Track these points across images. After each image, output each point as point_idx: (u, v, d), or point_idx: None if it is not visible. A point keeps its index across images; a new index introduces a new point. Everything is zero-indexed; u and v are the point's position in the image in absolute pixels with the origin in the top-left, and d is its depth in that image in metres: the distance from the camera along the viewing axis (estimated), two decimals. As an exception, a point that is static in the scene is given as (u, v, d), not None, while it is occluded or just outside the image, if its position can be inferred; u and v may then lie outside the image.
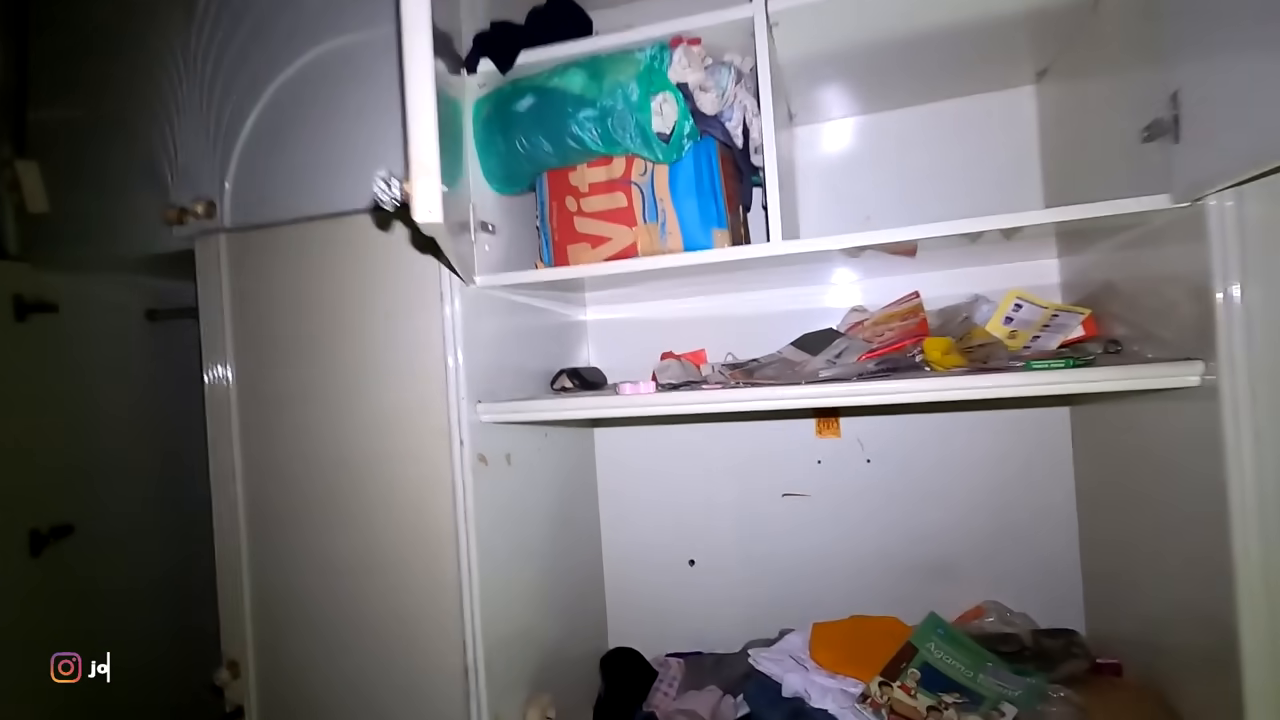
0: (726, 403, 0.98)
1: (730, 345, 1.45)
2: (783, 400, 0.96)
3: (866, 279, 1.41)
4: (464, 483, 1.05)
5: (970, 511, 1.35)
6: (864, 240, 0.94)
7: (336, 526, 1.14)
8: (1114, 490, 1.13)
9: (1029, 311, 1.18)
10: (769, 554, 1.46)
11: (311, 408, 1.15)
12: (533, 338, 1.33)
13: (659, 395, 1.00)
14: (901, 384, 0.90)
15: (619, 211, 1.08)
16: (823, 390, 0.94)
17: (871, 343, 1.21)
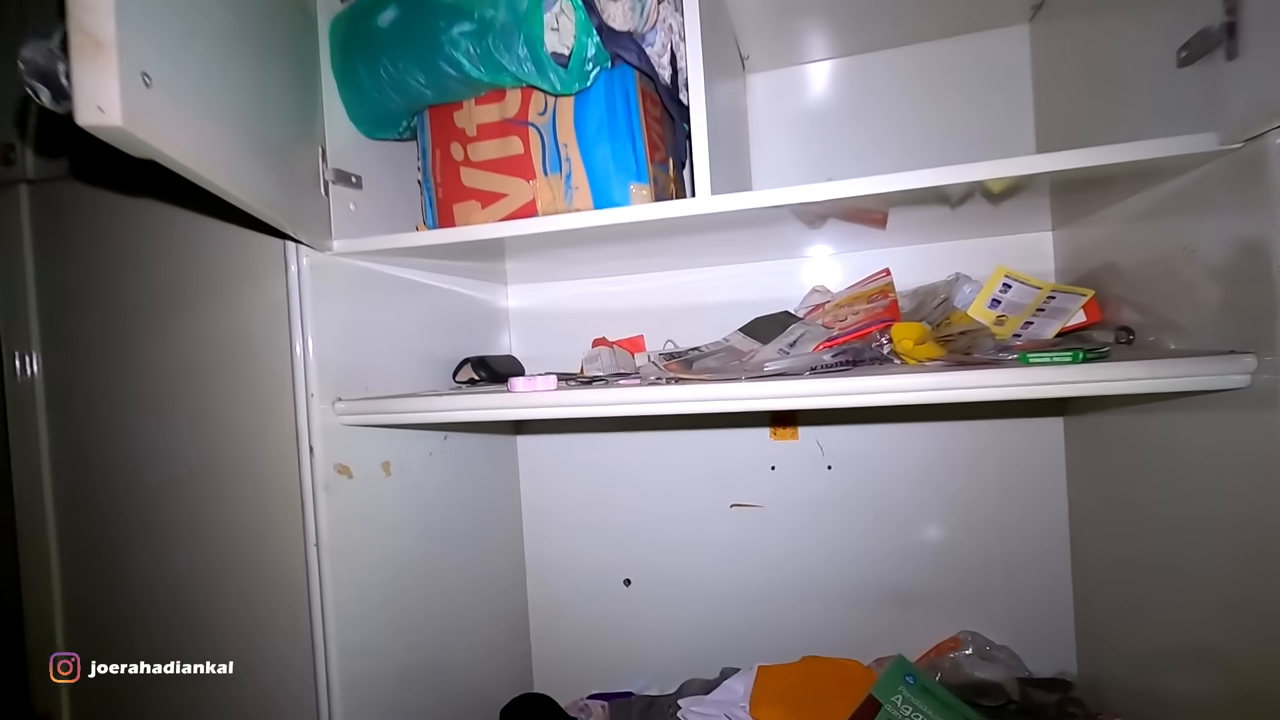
0: (643, 404, 0.76)
1: (675, 331, 1.24)
2: (716, 401, 0.74)
3: (836, 255, 1.19)
4: (314, 502, 0.83)
5: (946, 529, 1.15)
6: (809, 195, 0.72)
7: (166, 555, 0.91)
8: (1118, 512, 0.94)
9: (1020, 293, 0.98)
10: (714, 573, 1.26)
11: (131, 408, 0.91)
12: (439, 323, 1.11)
13: (555, 394, 0.78)
14: (862, 382, 0.69)
15: (514, 160, 0.85)
16: (766, 389, 0.73)
17: (832, 329, 1.00)
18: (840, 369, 0.80)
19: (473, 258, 0.99)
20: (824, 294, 1.16)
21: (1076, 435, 1.07)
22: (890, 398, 0.69)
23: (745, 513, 1.24)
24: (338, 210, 0.86)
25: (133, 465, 0.91)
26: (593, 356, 1.19)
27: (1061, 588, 1.10)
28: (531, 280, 1.32)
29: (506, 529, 1.30)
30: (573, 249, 0.96)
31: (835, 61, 1.18)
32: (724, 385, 0.74)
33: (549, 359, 1.30)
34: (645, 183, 0.83)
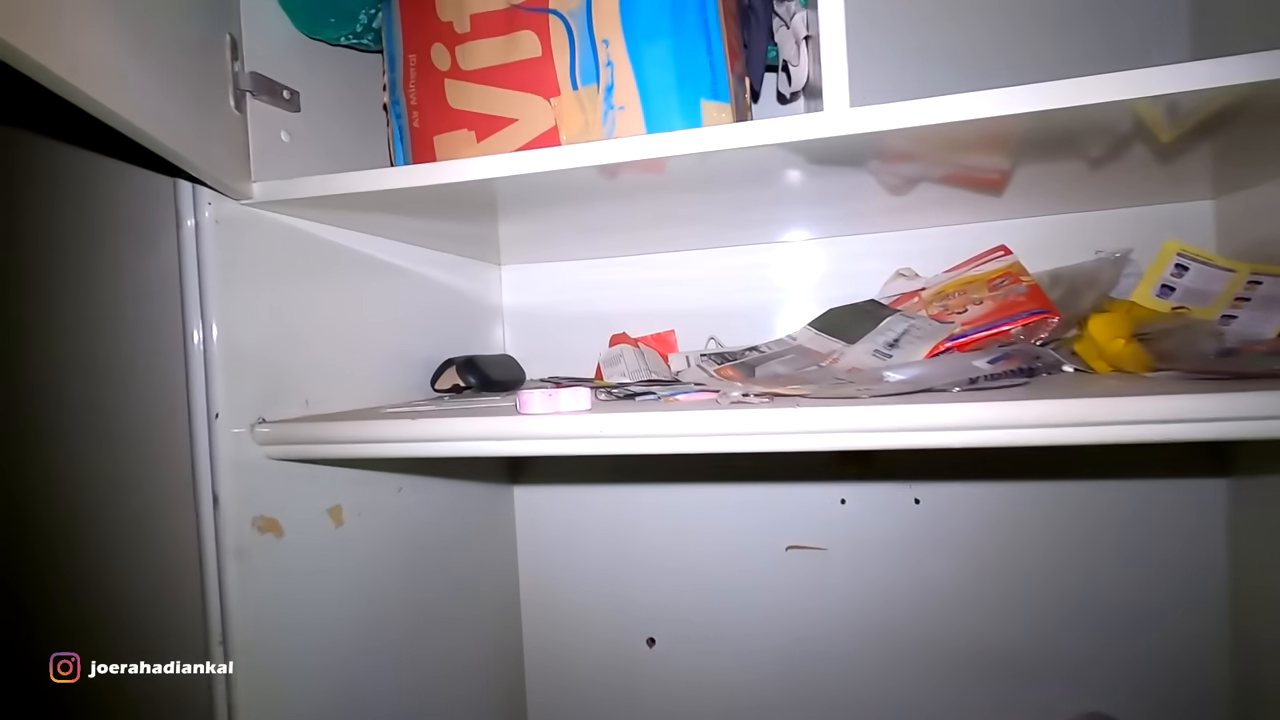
0: (725, 435, 0.49)
1: (710, 325, 0.97)
2: (832, 434, 0.48)
3: (909, 232, 0.93)
4: (218, 581, 0.55)
5: (1066, 586, 0.90)
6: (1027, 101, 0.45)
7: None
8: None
9: (1202, 276, 0.73)
10: (763, 632, 1.00)
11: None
12: (413, 311, 0.82)
13: (596, 418, 0.51)
14: (1082, 407, 0.43)
15: (527, 69, 0.58)
16: (906, 417, 0.46)
17: (950, 323, 0.74)
18: (1011, 381, 0.54)
19: (458, 217, 0.70)
20: (912, 278, 0.90)
21: (1250, 500, 0.82)
22: (1136, 432, 0.43)
23: (804, 556, 0.98)
24: (261, 138, 0.57)
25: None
26: (613, 358, 0.91)
27: (1214, 672, 0.86)
28: (532, 259, 1.04)
29: (499, 580, 1.02)
30: (600, 204, 0.68)
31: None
32: (840, 409, 0.47)
33: (553, 359, 1.03)
34: (725, 100, 0.55)
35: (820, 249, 0.96)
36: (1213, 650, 0.86)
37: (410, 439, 0.53)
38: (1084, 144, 0.60)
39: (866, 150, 0.53)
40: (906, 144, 0.52)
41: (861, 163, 0.60)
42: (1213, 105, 0.48)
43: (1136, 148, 0.62)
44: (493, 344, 1.03)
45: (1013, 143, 0.56)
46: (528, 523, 1.06)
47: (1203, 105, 0.48)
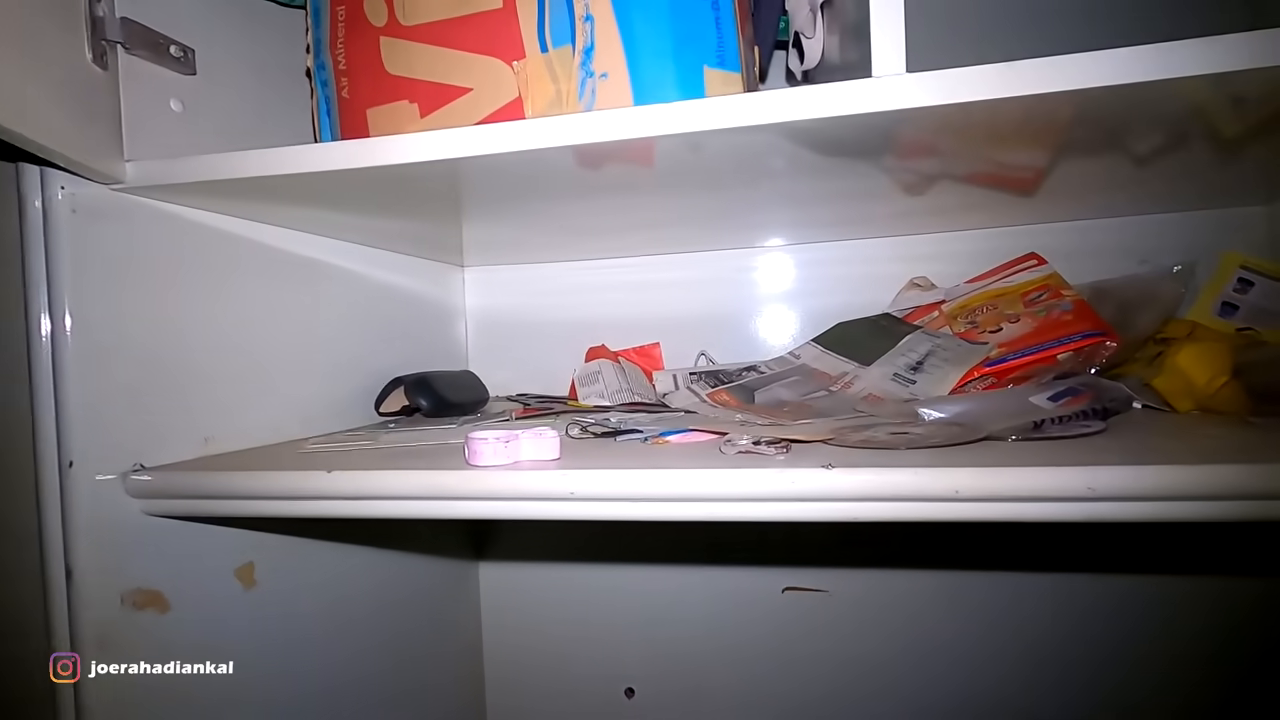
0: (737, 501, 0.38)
1: (700, 337, 0.87)
2: (882, 501, 0.36)
3: (924, 236, 0.83)
4: (73, 692, 0.42)
5: (1087, 665, 0.81)
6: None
7: None
8: None
9: (1268, 292, 0.64)
10: (755, 681, 0.89)
11: None
12: (354, 321, 0.70)
13: (565, 476, 0.39)
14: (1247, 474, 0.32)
15: (485, 24, 0.45)
16: (979, 483, 0.35)
17: (984, 344, 0.64)
18: (1083, 428, 0.43)
19: (398, 212, 0.58)
20: (929, 289, 0.80)
21: None
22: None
23: (803, 599, 0.87)
24: (139, 106, 0.45)
25: None
26: (590, 375, 0.80)
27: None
28: (500, 260, 0.92)
29: (460, 651, 0.89)
30: (576, 201, 0.57)
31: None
32: (888, 475, 0.36)
33: (524, 373, 0.91)
34: (735, 69, 0.44)
35: (824, 253, 0.85)
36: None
37: (321, 495, 0.41)
38: (1136, 136, 0.50)
39: (902, 137, 0.42)
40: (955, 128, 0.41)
41: (879, 156, 0.49)
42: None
43: (1193, 143, 0.52)
44: (454, 356, 0.91)
45: (1062, 131, 0.46)
46: (495, 599, 0.94)
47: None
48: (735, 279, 0.87)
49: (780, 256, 0.86)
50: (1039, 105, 0.37)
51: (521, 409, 0.74)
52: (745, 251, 0.87)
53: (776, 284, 0.86)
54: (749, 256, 0.87)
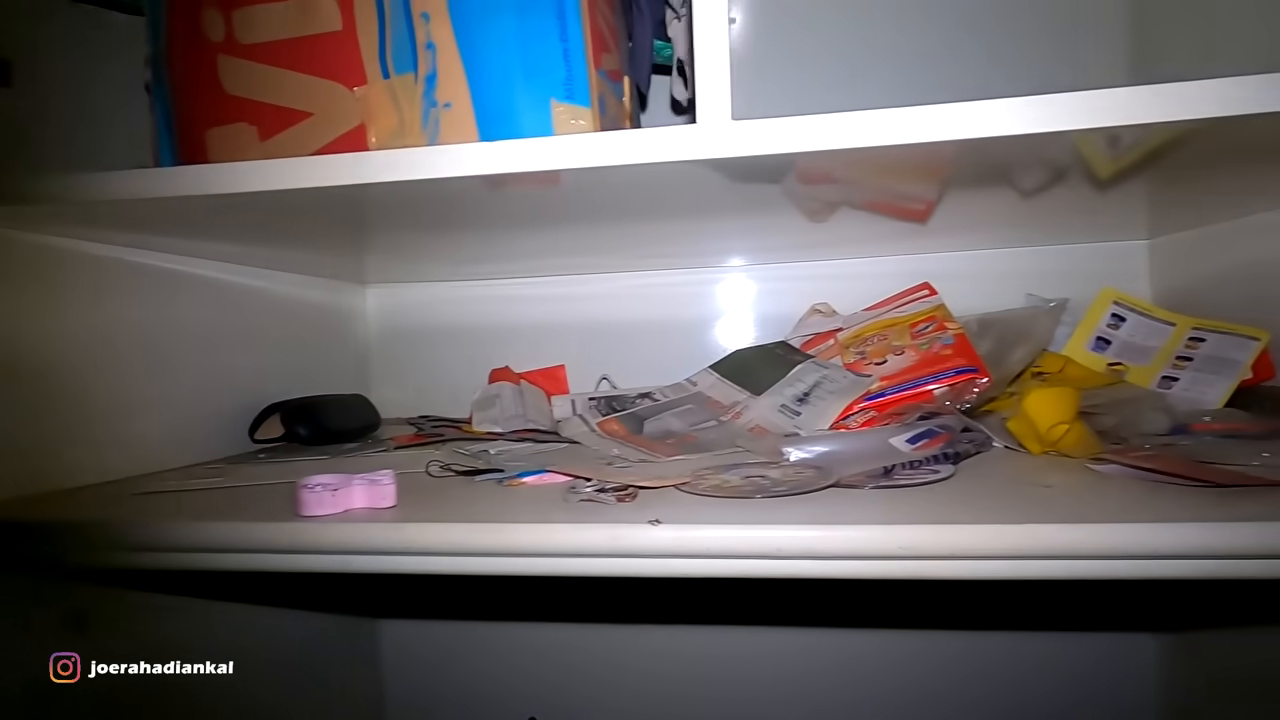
0: (569, 557, 0.36)
1: (610, 358, 0.85)
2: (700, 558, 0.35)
3: (828, 262, 0.84)
4: None
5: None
6: (934, 129, 0.35)
7: None
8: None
9: (1140, 329, 0.65)
10: (674, 705, 0.88)
11: None
12: (235, 337, 0.66)
13: (397, 530, 0.37)
14: (1026, 536, 0.32)
15: (325, 46, 0.43)
16: (789, 541, 0.34)
17: (867, 376, 0.64)
18: (931, 474, 0.43)
19: (278, 239, 0.55)
20: (830, 316, 0.80)
21: (1186, 664, 0.75)
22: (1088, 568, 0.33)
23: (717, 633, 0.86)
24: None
25: None
26: (488, 399, 0.78)
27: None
28: (404, 277, 0.89)
29: (348, 694, 0.86)
30: (451, 231, 0.55)
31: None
32: (707, 532, 0.35)
33: (429, 395, 0.88)
34: (584, 103, 0.42)
35: (733, 276, 0.85)
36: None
37: (121, 546, 0.38)
38: (1015, 174, 0.51)
39: (771, 169, 0.41)
40: (815, 164, 0.40)
41: (777, 182, 0.49)
42: (1162, 138, 0.38)
43: (1071, 181, 0.53)
44: (354, 377, 0.87)
45: (934, 167, 0.46)
46: (399, 661, 0.91)
47: (1149, 139, 0.38)
48: (644, 300, 0.86)
49: (689, 278, 0.85)
50: (879, 154, 0.37)
51: (409, 436, 0.72)
52: (654, 274, 0.86)
53: (685, 306, 0.85)
54: (658, 278, 0.86)
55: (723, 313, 0.85)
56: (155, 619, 0.54)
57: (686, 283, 0.85)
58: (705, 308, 0.85)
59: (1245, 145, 0.39)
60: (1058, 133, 0.35)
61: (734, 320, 0.84)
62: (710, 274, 0.85)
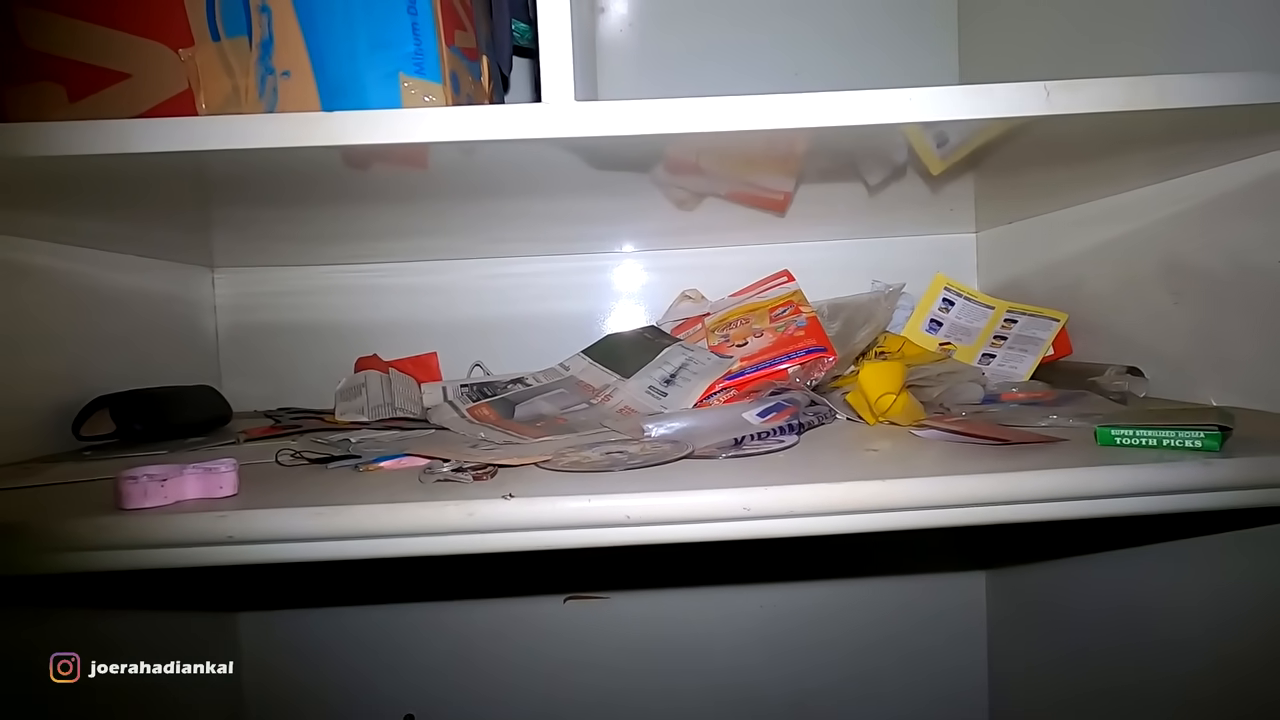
0: (421, 536, 0.36)
1: (485, 348, 0.84)
2: (554, 529, 0.36)
3: (700, 251, 0.87)
4: None
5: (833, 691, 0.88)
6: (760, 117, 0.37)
7: None
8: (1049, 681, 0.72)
9: (966, 312, 0.73)
10: (541, 699, 0.88)
11: None
12: (61, 327, 0.59)
13: (229, 518, 0.35)
14: (861, 491, 0.36)
15: (142, 1, 0.40)
16: (658, 504, 0.36)
17: (729, 357, 0.67)
18: (777, 443, 0.46)
19: (104, 214, 0.50)
20: (699, 302, 0.83)
21: (1005, 594, 0.85)
22: (895, 519, 0.37)
23: (586, 608, 0.87)
24: None
25: None
26: (352, 389, 0.74)
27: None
28: (257, 261, 0.83)
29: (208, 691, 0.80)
30: (300, 207, 0.52)
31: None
32: (563, 503, 0.36)
33: (288, 388, 0.83)
34: (435, 79, 0.42)
35: (607, 263, 0.86)
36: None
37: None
38: (860, 167, 0.56)
39: (629, 155, 0.42)
40: (659, 147, 0.42)
41: (645, 171, 0.51)
42: (986, 136, 0.43)
43: (909, 176, 0.59)
44: (201, 369, 0.81)
45: (781, 157, 0.49)
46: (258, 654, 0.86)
47: (975, 135, 0.43)
48: (515, 287, 0.86)
49: (564, 264, 0.85)
50: (722, 140, 0.39)
51: (264, 428, 0.68)
52: (526, 260, 0.85)
53: (559, 293, 0.86)
54: (530, 264, 0.85)
55: (597, 299, 0.86)
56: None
57: (560, 270, 0.86)
58: (580, 295, 0.86)
59: (1051, 144, 0.45)
60: (887, 124, 0.39)
61: (608, 307, 0.86)
62: (584, 261, 0.86)
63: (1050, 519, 0.36)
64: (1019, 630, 0.80)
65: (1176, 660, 0.55)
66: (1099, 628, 0.65)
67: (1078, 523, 0.41)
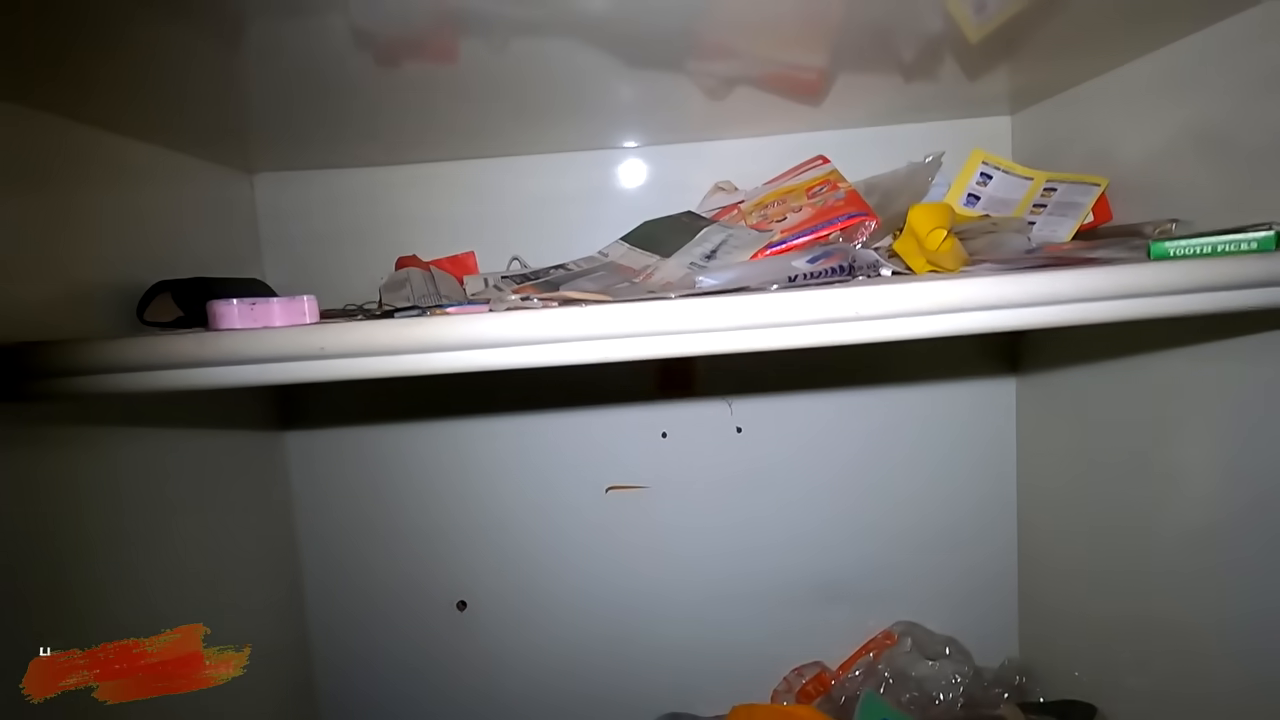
0: (500, 346, 0.38)
1: (519, 247, 0.85)
2: (631, 337, 0.38)
3: (733, 141, 0.87)
4: None
5: (881, 507, 0.91)
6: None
7: None
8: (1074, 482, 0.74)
9: (1004, 184, 0.73)
10: (586, 581, 0.92)
11: None
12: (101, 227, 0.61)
13: (315, 332, 0.37)
14: (912, 291, 0.37)
15: None
16: (716, 314, 0.38)
17: (769, 231, 0.68)
18: (832, 278, 0.47)
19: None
20: (732, 192, 0.83)
21: (1035, 397, 0.87)
22: (969, 321, 0.38)
23: (626, 497, 0.90)
24: None
25: None
26: (396, 282, 0.76)
27: (1005, 565, 0.91)
28: (296, 164, 0.84)
29: (271, 547, 0.84)
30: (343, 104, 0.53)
31: None
32: (639, 308, 0.38)
33: (328, 294, 0.85)
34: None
35: (639, 158, 0.86)
36: (1003, 553, 0.91)
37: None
38: (895, 40, 0.55)
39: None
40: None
41: (678, 64, 0.51)
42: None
43: (945, 59, 0.59)
44: (243, 269, 0.83)
45: (819, 35, 0.50)
46: (306, 477, 0.89)
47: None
48: (552, 185, 0.86)
49: (597, 160, 0.86)
50: None
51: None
52: (563, 156, 0.86)
53: (593, 188, 0.86)
54: (568, 161, 0.86)
55: (631, 193, 0.86)
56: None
57: (593, 163, 0.86)
58: (613, 190, 0.86)
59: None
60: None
61: (643, 200, 0.86)
62: (613, 155, 0.86)
63: (1120, 318, 0.38)
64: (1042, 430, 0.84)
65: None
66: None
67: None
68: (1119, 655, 0.73)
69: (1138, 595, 0.69)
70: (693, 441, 0.89)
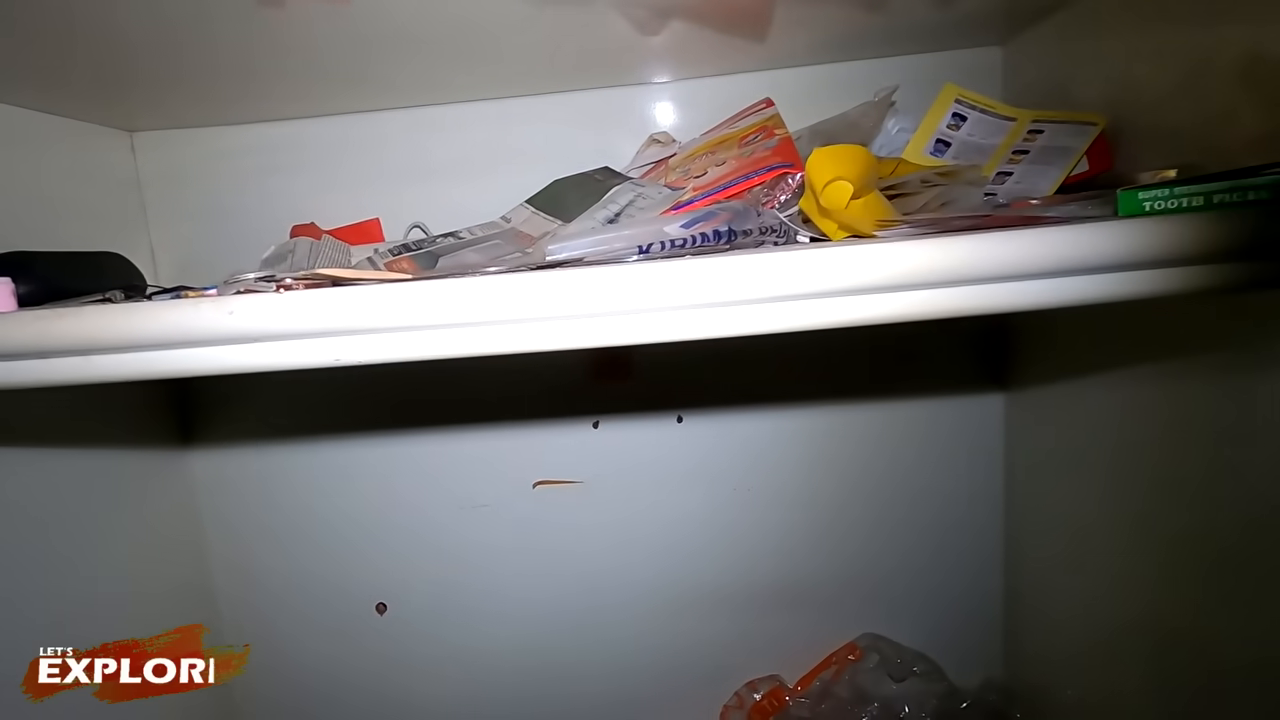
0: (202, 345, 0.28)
1: (429, 210, 0.75)
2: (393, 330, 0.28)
3: (675, 83, 0.75)
4: None
5: (844, 506, 0.80)
6: None
7: None
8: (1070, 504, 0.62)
9: (981, 126, 0.59)
10: (511, 582, 0.83)
11: None
12: None
13: None
14: (769, 263, 0.26)
15: None
16: (522, 301, 0.27)
17: (683, 189, 0.56)
18: (703, 248, 0.36)
19: None
20: (668, 144, 0.71)
21: (1024, 413, 0.75)
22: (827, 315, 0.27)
23: (556, 492, 0.81)
24: None
25: None
26: (281, 253, 0.67)
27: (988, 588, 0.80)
28: (182, 121, 0.75)
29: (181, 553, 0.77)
30: None
31: None
32: (411, 290, 0.28)
33: (223, 263, 0.76)
34: None
35: (560, 104, 0.75)
36: (987, 568, 0.79)
37: None
38: None
39: None
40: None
41: None
42: None
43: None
44: (127, 247, 0.74)
45: None
46: (214, 491, 0.82)
47: None
48: (463, 135, 0.75)
49: (514, 109, 0.74)
50: None
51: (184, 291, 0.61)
52: (482, 104, 0.75)
53: (512, 141, 0.75)
54: (485, 110, 0.75)
55: (556, 145, 0.75)
56: None
57: (510, 114, 0.75)
58: (535, 141, 0.75)
59: None
60: None
61: (565, 153, 0.74)
62: (539, 103, 0.74)
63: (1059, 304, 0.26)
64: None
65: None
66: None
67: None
68: (1113, 676, 0.62)
69: (1135, 609, 0.58)
70: (629, 433, 0.79)
